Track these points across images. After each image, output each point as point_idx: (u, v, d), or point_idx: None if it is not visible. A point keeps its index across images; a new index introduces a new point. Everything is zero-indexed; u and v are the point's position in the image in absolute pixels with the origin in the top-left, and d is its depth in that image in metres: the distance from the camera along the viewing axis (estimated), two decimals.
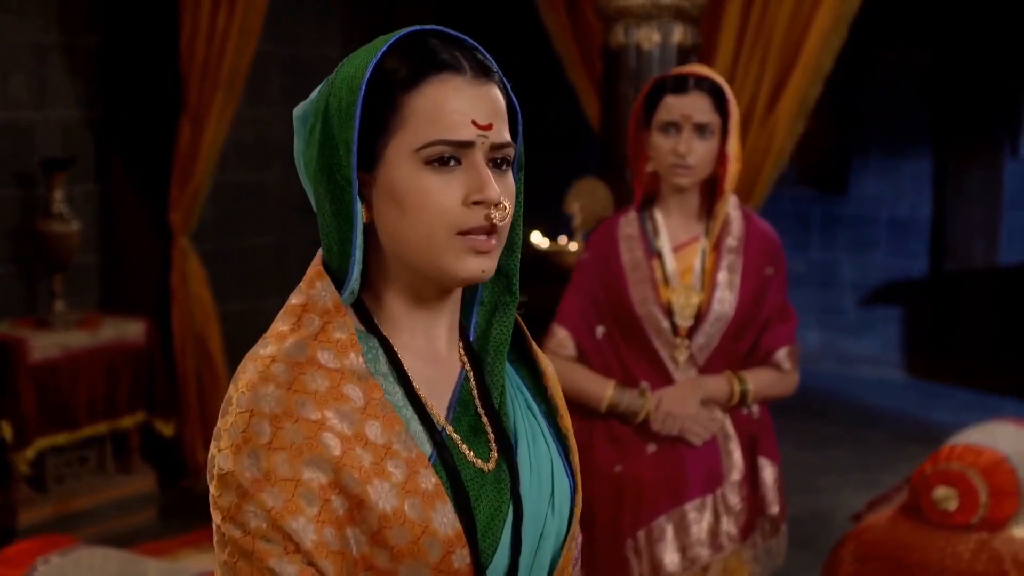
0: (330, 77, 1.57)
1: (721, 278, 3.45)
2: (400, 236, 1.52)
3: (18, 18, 6.17)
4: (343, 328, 1.51)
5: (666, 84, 3.42)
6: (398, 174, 1.50)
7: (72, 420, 5.81)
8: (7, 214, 6.16)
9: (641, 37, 5.15)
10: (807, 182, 9.55)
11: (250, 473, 1.42)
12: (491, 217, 1.50)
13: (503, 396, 1.62)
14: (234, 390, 1.48)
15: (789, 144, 5.40)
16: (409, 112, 1.50)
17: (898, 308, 9.54)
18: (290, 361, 1.47)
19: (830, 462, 7.43)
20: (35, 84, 6.28)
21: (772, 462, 3.59)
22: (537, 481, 1.60)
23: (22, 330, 5.82)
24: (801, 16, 5.25)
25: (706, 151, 3.39)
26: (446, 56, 1.51)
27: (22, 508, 5.70)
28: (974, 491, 4.41)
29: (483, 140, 1.51)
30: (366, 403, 1.48)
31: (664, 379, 3.46)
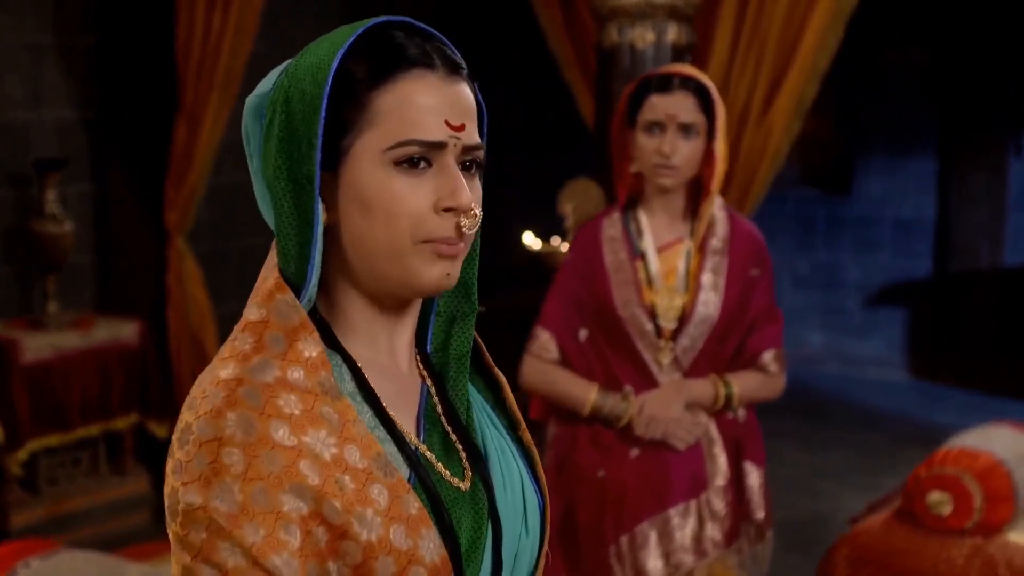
0: (287, 67, 1.46)
1: (706, 280, 3.41)
2: (363, 241, 1.43)
3: (13, 18, 6.15)
4: (312, 345, 1.40)
5: (651, 83, 3.39)
6: (364, 175, 1.42)
7: (65, 421, 5.79)
8: (1, 215, 6.14)
9: (635, 36, 5.10)
10: (811, 183, 9.51)
11: (225, 507, 1.30)
12: (461, 225, 1.43)
13: (469, 411, 1.55)
14: (192, 417, 1.35)
15: (785, 144, 5.35)
16: (377, 109, 1.41)
17: (902, 309, 9.49)
18: (258, 383, 1.35)
19: (831, 464, 7.38)
20: (30, 84, 6.26)
21: (758, 467, 3.54)
22: (511, 499, 1.53)
23: (15, 331, 5.79)
24: (797, 15, 5.20)
25: (691, 151, 3.35)
26: (417, 51, 1.43)
27: (14, 510, 5.67)
28: (968, 496, 4.36)
29: (456, 141, 1.43)
30: (342, 425, 1.37)
31: (648, 382, 3.42)
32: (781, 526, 6.07)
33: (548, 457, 3.55)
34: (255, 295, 1.44)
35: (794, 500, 6.65)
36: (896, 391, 9.12)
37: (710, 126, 3.38)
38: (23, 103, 6.23)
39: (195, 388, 1.39)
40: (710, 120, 3.38)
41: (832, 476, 7.15)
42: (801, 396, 8.95)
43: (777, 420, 8.17)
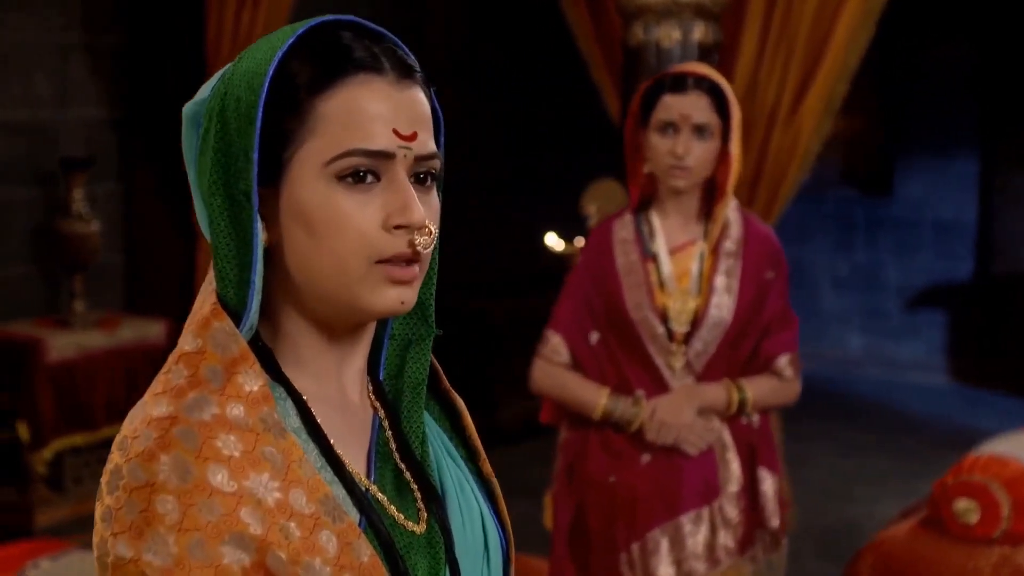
0: (225, 72, 1.34)
1: (719, 282, 3.35)
2: (307, 263, 1.30)
3: (40, 17, 6.16)
4: (252, 378, 1.28)
5: (664, 83, 3.32)
6: (305, 191, 1.29)
7: (90, 421, 5.79)
8: (29, 214, 6.16)
9: (661, 35, 5.04)
10: (851, 183, 9.41)
11: (159, 561, 1.19)
12: (415, 243, 1.30)
13: (424, 445, 1.42)
14: (122, 459, 1.23)
15: (815, 144, 5.27)
16: (319, 118, 1.29)
17: (943, 312, 9.36)
18: (195, 422, 1.23)
19: (867, 470, 7.28)
20: (58, 83, 6.27)
21: (772, 473, 3.47)
22: (471, 538, 1.42)
23: (40, 330, 5.80)
24: (827, 12, 5.12)
25: (704, 152, 3.29)
26: (363, 53, 1.31)
27: (39, 509, 5.68)
28: (996, 504, 4.27)
29: (406, 152, 1.30)
30: (287, 467, 1.25)
31: (660, 386, 3.36)
32: (812, 532, 6.03)
33: (558, 462, 3.51)
34: (190, 323, 1.32)
35: (827, 505, 6.57)
36: (936, 395, 8.99)
37: (725, 127, 3.31)
38: (51, 102, 6.24)
39: (126, 425, 1.27)
40: (725, 121, 3.30)
41: (867, 481, 7.05)
42: (839, 399, 8.85)
43: (813, 424, 8.09)
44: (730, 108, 3.30)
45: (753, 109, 5.27)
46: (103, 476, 1.26)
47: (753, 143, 5.29)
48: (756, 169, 5.33)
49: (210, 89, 1.36)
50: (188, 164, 1.38)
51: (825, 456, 7.46)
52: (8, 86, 6.09)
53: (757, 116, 5.27)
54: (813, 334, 9.60)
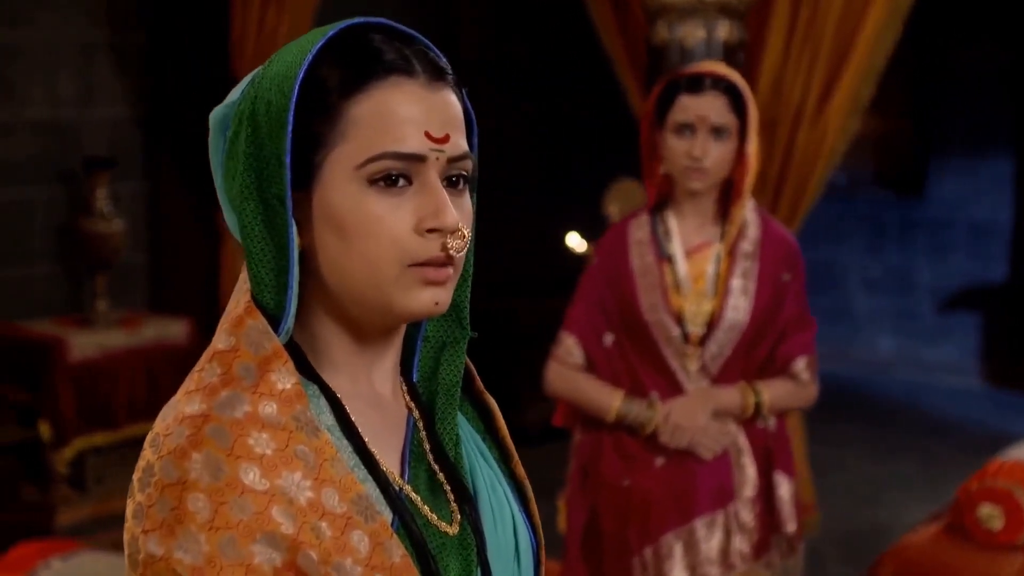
0: (255, 75, 1.33)
1: (735, 284, 3.30)
2: (340, 266, 1.30)
3: (64, 16, 6.16)
4: (285, 376, 1.27)
5: (680, 83, 3.27)
6: (337, 195, 1.28)
7: (112, 420, 5.79)
8: (53, 213, 6.16)
9: (685, 33, 4.99)
10: (883, 184, 9.32)
11: (190, 559, 1.19)
12: (448, 247, 1.29)
13: (458, 446, 1.41)
14: (154, 456, 1.22)
15: (841, 144, 5.22)
16: (350, 122, 1.28)
17: (976, 314, 9.25)
18: (227, 420, 1.23)
19: (896, 473, 7.20)
20: (82, 82, 6.27)
21: (789, 477, 3.42)
22: (503, 540, 1.41)
23: (63, 329, 5.81)
24: (853, 11, 5.06)
25: (722, 154, 3.24)
26: (394, 56, 1.29)
27: (61, 508, 5.69)
28: (1020, 510, 4.21)
29: (438, 154, 1.29)
30: (319, 465, 1.25)
31: (675, 389, 3.31)
32: (837, 536, 5.96)
33: (572, 464, 3.47)
34: (224, 321, 1.31)
35: (854, 510, 6.50)
36: (969, 399, 8.89)
37: (742, 127, 3.26)
38: (75, 101, 6.25)
39: (158, 423, 1.27)
40: (742, 120, 3.26)
41: (896, 486, 6.97)
42: (870, 402, 8.77)
43: (843, 427, 8.02)
44: (747, 108, 3.26)
45: (779, 108, 5.22)
46: (135, 473, 1.25)
47: (779, 142, 5.24)
48: (782, 169, 5.28)
49: (239, 93, 1.35)
50: (214, 168, 1.37)
51: (854, 459, 7.39)
52: (33, 85, 6.11)
53: (783, 115, 5.22)
54: (844, 336, 9.52)
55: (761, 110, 5.22)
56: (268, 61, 1.34)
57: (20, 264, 6.11)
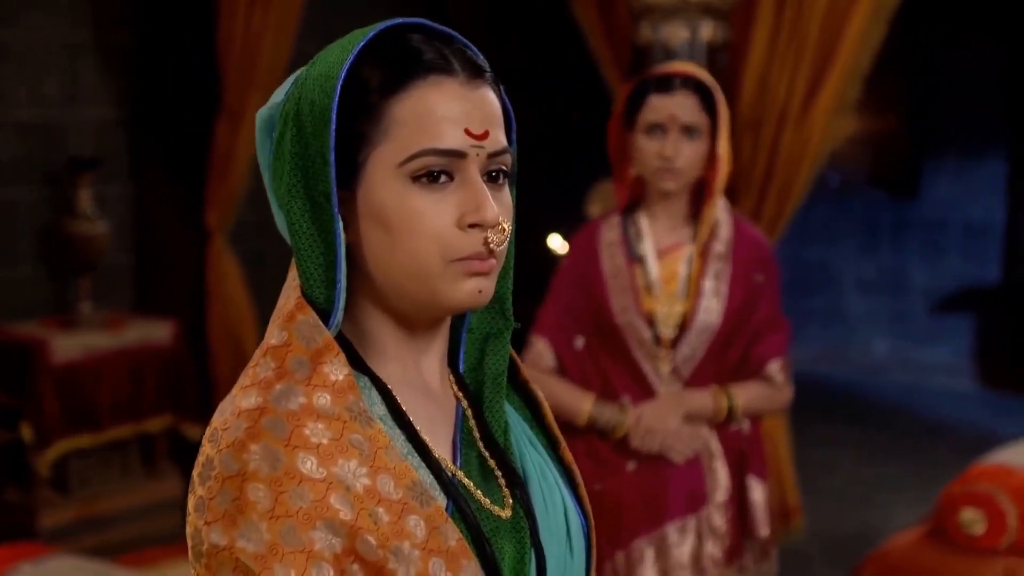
0: (298, 76, 1.38)
1: (707, 286, 3.26)
2: (385, 261, 1.34)
3: (49, 16, 6.13)
4: (338, 367, 1.31)
5: (650, 83, 3.25)
6: (381, 192, 1.32)
7: (95, 422, 5.75)
8: (38, 214, 6.13)
9: (668, 34, 4.97)
10: (877, 185, 9.28)
11: (252, 547, 1.22)
12: (489, 241, 1.33)
13: (507, 433, 1.46)
14: (213, 450, 1.26)
15: (826, 144, 5.19)
16: (392, 120, 1.32)
17: (970, 316, 9.22)
18: (283, 411, 1.27)
19: (887, 476, 7.17)
20: (67, 83, 6.24)
21: (762, 482, 3.38)
22: (554, 523, 1.44)
23: (46, 331, 5.77)
24: (838, 11, 5.03)
25: (693, 153, 3.21)
26: (433, 55, 1.33)
27: (45, 511, 5.64)
28: (1002, 514, 4.18)
29: (478, 151, 1.33)
30: (374, 453, 1.28)
31: (646, 392, 3.28)
32: (824, 539, 5.93)
33: None
34: (276, 317, 1.36)
35: (844, 512, 6.47)
36: (963, 401, 8.85)
37: (713, 126, 3.23)
38: (60, 102, 6.21)
39: (216, 418, 1.31)
40: (713, 120, 3.23)
41: (888, 488, 6.93)
42: (863, 404, 8.74)
43: (835, 429, 7.99)
44: (718, 107, 3.23)
45: (764, 109, 5.19)
46: (195, 468, 1.29)
47: (764, 143, 5.21)
48: (767, 170, 5.25)
49: (283, 94, 1.39)
50: (263, 168, 1.42)
51: (845, 461, 7.36)
52: (18, 85, 6.07)
53: (768, 116, 5.19)
54: (838, 337, 9.49)
55: (746, 111, 5.22)
56: (311, 62, 1.37)
57: (4, 265, 6.08)
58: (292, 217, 1.34)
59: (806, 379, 9.17)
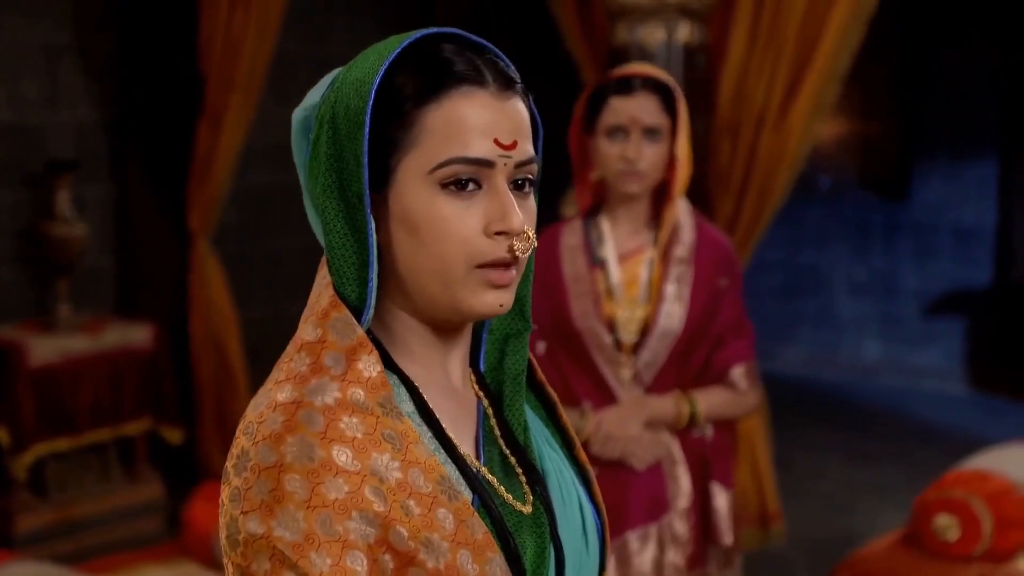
0: (335, 78, 1.41)
1: (669, 290, 3.22)
2: (413, 265, 1.38)
3: (27, 18, 6.10)
4: (372, 364, 1.35)
5: (609, 86, 3.21)
6: (411, 197, 1.36)
7: (73, 426, 5.72)
8: (17, 216, 6.10)
9: (645, 35, 4.94)
10: (867, 187, 9.24)
11: (289, 536, 1.26)
12: (514, 249, 1.37)
13: (527, 432, 1.50)
14: (249, 443, 1.30)
15: (804, 148, 5.16)
16: (423, 129, 1.36)
17: (961, 319, 9.17)
18: (320, 405, 1.31)
19: (876, 480, 7.12)
20: (47, 85, 6.21)
21: (726, 488, 3.33)
22: (571, 519, 1.49)
23: (23, 334, 5.74)
24: (816, 13, 5.01)
25: (656, 155, 3.17)
26: (466, 66, 1.37)
27: (22, 515, 5.62)
28: (976, 520, 4.14)
29: (505, 160, 1.37)
30: (405, 448, 1.32)
31: (607, 398, 3.24)
32: (806, 544, 5.89)
33: None
34: (309, 314, 1.39)
35: (827, 517, 6.43)
36: (954, 404, 8.80)
37: (674, 127, 3.19)
38: (39, 103, 6.18)
39: (250, 412, 1.34)
40: (675, 121, 3.19)
41: (875, 493, 6.89)
42: (853, 407, 8.70)
43: (824, 433, 7.96)
44: (678, 107, 3.19)
45: (741, 111, 5.16)
46: (228, 460, 1.32)
47: (742, 146, 5.19)
48: (745, 173, 5.22)
49: (320, 96, 1.43)
50: (299, 168, 1.46)
51: (834, 465, 7.32)
52: None
53: (745, 119, 5.17)
54: (829, 341, 9.45)
55: (724, 113, 5.18)
56: (348, 66, 1.41)
57: None
58: (327, 216, 1.38)
59: (796, 382, 9.20)
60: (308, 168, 1.42)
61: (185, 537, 4.33)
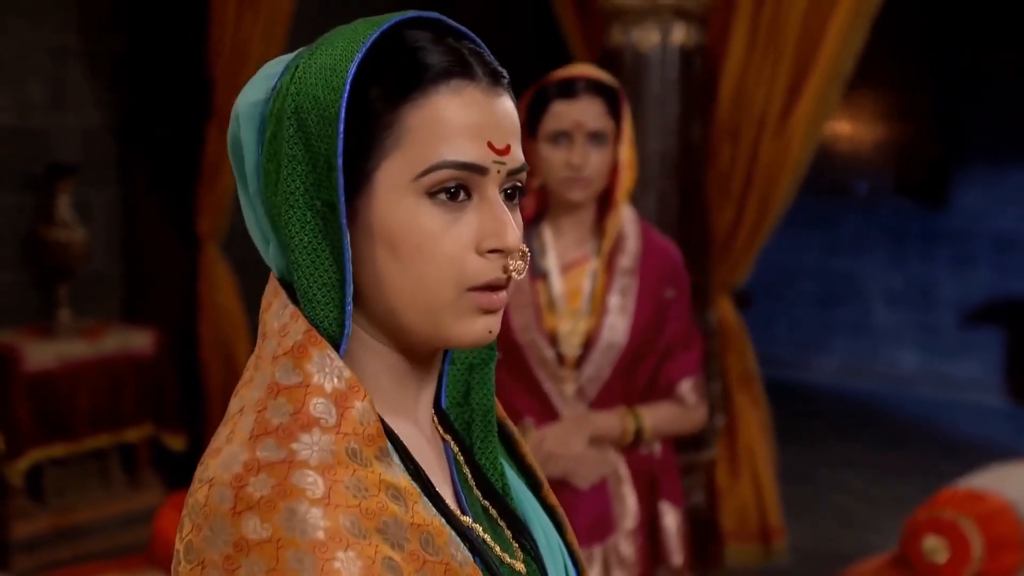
0: (290, 66, 1.20)
1: (613, 302, 3.09)
2: (390, 288, 1.18)
3: (34, 21, 6.08)
4: (367, 413, 1.14)
5: (551, 89, 3.08)
6: (390, 208, 1.16)
7: (71, 431, 5.68)
8: (20, 220, 6.08)
9: (639, 37, 4.80)
10: (905, 194, 9.04)
11: None
12: (509, 269, 1.18)
13: (504, 477, 1.32)
14: (226, 509, 1.07)
15: (807, 153, 5.02)
16: (406, 128, 1.16)
17: (1000, 329, 8.94)
18: (316, 464, 1.09)
19: (900, 497, 6.92)
20: (53, 88, 6.19)
21: (675, 507, 3.21)
22: (558, 572, 1.33)
23: (21, 339, 5.71)
24: (817, 13, 4.86)
25: (602, 160, 3.05)
26: (454, 57, 1.18)
27: (19, 520, 5.58)
28: (966, 543, 3.96)
29: (499, 167, 1.18)
30: (411, 508, 1.13)
31: (550, 414, 3.11)
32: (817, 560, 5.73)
33: None
34: (277, 349, 1.16)
35: (843, 532, 6.27)
36: (992, 417, 8.57)
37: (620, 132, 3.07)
38: (45, 107, 6.16)
39: (219, 472, 1.10)
40: (619, 125, 3.06)
41: (898, 508, 6.68)
42: (886, 419, 8.51)
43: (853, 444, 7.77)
44: (623, 110, 3.07)
45: (741, 115, 5.03)
46: (190, 533, 1.10)
47: (743, 151, 5.05)
48: (747, 178, 5.08)
49: (270, 88, 1.21)
50: (247, 172, 1.23)
51: (858, 480, 7.14)
52: (3, 91, 6.03)
53: (746, 123, 5.03)
54: (864, 350, 9.26)
55: (723, 118, 5.04)
56: (311, 51, 1.20)
57: None
58: (290, 230, 1.17)
59: (829, 392, 9.01)
60: (261, 172, 1.21)
61: (153, 548, 4.25)
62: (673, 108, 4.76)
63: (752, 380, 5.27)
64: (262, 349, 1.18)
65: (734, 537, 5.22)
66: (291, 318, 1.18)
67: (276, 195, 1.19)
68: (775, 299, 9.12)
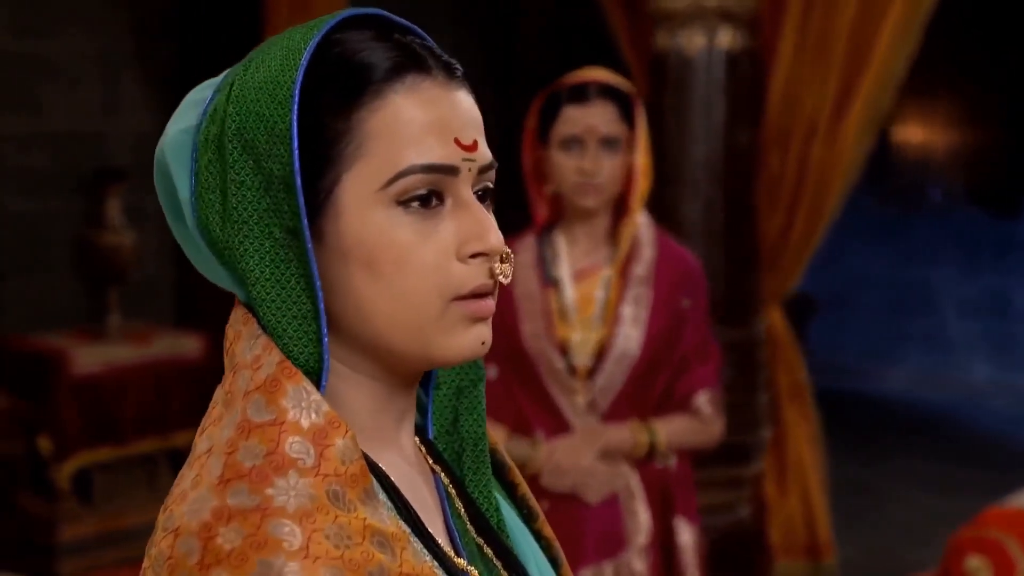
0: (221, 85, 1.13)
1: (626, 312, 3.01)
2: (368, 309, 1.09)
3: (88, 27, 6.11)
4: (349, 451, 1.05)
5: (563, 94, 3.00)
6: (359, 224, 1.08)
7: (118, 435, 5.68)
8: (71, 225, 6.10)
9: (685, 41, 4.70)
10: (977, 202, 8.84)
11: None
12: (495, 273, 1.10)
13: (499, 511, 1.23)
14: (192, 563, 0.99)
15: (859, 158, 4.89)
16: (364, 135, 1.07)
17: None
18: (293, 512, 1.00)
19: (964, 512, 6.72)
20: (107, 92, 6.22)
21: (691, 523, 3.11)
22: None
23: (70, 342, 5.72)
24: (869, 17, 4.72)
25: (615, 167, 2.98)
26: (404, 53, 1.10)
27: (67, 524, 5.59)
28: (1011, 564, 3.83)
29: (470, 165, 1.10)
30: (399, 555, 1.05)
31: (561, 426, 3.04)
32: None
33: None
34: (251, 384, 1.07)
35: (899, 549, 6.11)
36: None
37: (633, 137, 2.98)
38: (99, 111, 6.19)
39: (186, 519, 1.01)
40: (633, 130, 2.98)
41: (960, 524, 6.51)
42: (957, 432, 8.31)
43: (920, 457, 7.58)
44: (636, 116, 2.98)
45: (791, 120, 4.91)
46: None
47: (792, 157, 4.93)
48: (796, 185, 4.96)
49: (200, 113, 1.14)
50: (182, 205, 1.14)
51: (921, 495, 6.96)
52: (57, 96, 6.07)
53: (796, 128, 4.91)
54: (936, 361, 9.07)
55: (772, 123, 4.92)
56: (244, 67, 1.12)
57: (39, 275, 6.08)
58: (247, 263, 1.10)
59: (900, 404, 8.82)
60: (197, 204, 1.12)
61: None
62: (719, 113, 4.66)
63: (802, 391, 5.13)
64: (233, 384, 1.09)
65: (782, 553, 5.09)
66: (263, 349, 1.09)
67: (224, 226, 1.10)
68: (845, 308, 8.97)
